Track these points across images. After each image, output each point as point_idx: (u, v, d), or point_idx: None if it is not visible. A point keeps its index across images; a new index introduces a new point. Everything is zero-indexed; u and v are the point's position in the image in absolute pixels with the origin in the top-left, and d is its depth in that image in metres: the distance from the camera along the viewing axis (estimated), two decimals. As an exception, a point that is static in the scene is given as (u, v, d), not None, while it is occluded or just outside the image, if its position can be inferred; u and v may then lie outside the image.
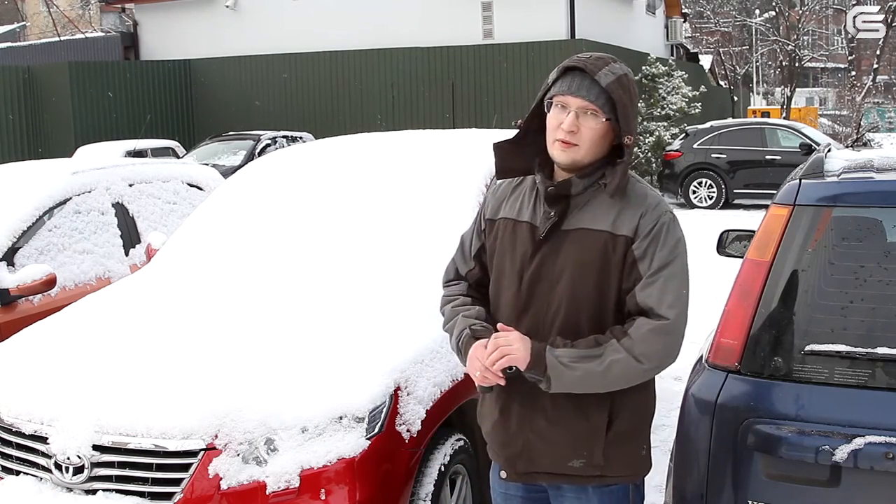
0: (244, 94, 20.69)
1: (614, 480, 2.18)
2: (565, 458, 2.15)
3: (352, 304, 3.24)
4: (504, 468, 2.26)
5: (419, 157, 4.21)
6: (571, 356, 2.02)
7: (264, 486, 2.63)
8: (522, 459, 2.20)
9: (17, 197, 4.62)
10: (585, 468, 2.14)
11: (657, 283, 2.05)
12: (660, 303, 2.05)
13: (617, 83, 2.06)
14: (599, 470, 2.15)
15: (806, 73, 45.62)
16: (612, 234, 2.08)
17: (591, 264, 2.08)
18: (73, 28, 30.02)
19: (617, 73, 2.08)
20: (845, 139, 19.99)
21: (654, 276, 2.06)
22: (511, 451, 2.22)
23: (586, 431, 2.13)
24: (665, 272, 2.06)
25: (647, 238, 2.06)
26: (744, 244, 3.93)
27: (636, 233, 2.07)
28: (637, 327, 2.04)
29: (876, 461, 2.06)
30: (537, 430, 2.16)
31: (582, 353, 2.03)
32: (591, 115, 2.06)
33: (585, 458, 2.13)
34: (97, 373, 2.95)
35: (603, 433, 2.12)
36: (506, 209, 2.23)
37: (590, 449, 2.13)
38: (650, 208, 2.09)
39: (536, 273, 2.13)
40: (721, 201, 15.97)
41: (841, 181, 2.39)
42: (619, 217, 2.08)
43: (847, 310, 2.23)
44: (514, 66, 18.07)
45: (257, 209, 4.08)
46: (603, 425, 2.13)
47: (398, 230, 3.66)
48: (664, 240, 2.08)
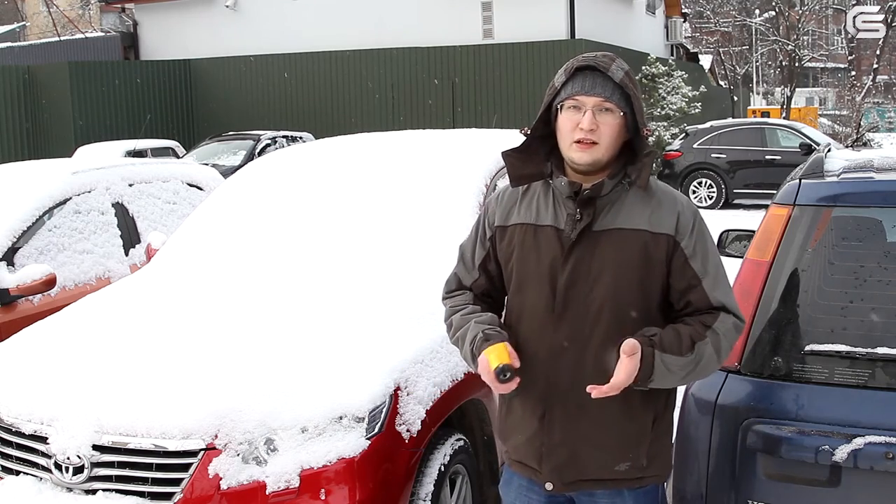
0: (244, 94, 20.69)
1: (650, 480, 2.17)
2: (612, 462, 2.11)
3: (352, 304, 3.24)
4: (550, 480, 2.15)
5: (419, 157, 4.21)
6: (679, 364, 2.00)
7: (264, 486, 2.63)
8: (570, 469, 2.12)
9: (17, 197, 4.62)
10: (630, 471, 2.12)
11: (720, 279, 2.08)
12: (727, 297, 2.08)
13: (627, 78, 2.06)
14: (641, 471, 2.14)
15: (806, 73, 45.61)
16: (652, 232, 2.05)
17: (631, 263, 2.05)
18: (73, 28, 30.01)
19: (624, 69, 2.08)
20: (845, 139, 19.99)
21: (718, 274, 2.08)
22: (557, 461, 2.13)
23: (634, 432, 2.11)
24: (721, 267, 2.10)
25: (693, 236, 2.07)
26: (744, 244, 3.93)
27: (677, 231, 2.06)
28: (723, 321, 2.05)
29: (876, 461, 2.06)
30: (584, 435, 2.10)
31: (686, 360, 2.01)
32: (607, 112, 2.04)
33: (631, 460, 2.11)
34: (97, 373, 2.95)
35: (649, 433, 2.12)
36: (520, 214, 2.16)
37: (636, 451, 2.11)
38: (684, 206, 2.10)
39: (572, 276, 2.07)
40: (721, 201, 15.96)
41: (841, 181, 2.39)
42: (654, 215, 2.06)
43: (847, 310, 2.23)
44: (514, 66, 18.07)
45: (257, 209, 4.08)
46: (649, 425, 2.12)
47: (398, 230, 3.65)
48: (706, 235, 2.11)
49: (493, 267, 2.23)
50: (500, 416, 2.28)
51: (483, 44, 18.82)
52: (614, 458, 2.11)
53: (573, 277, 2.06)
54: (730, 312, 2.06)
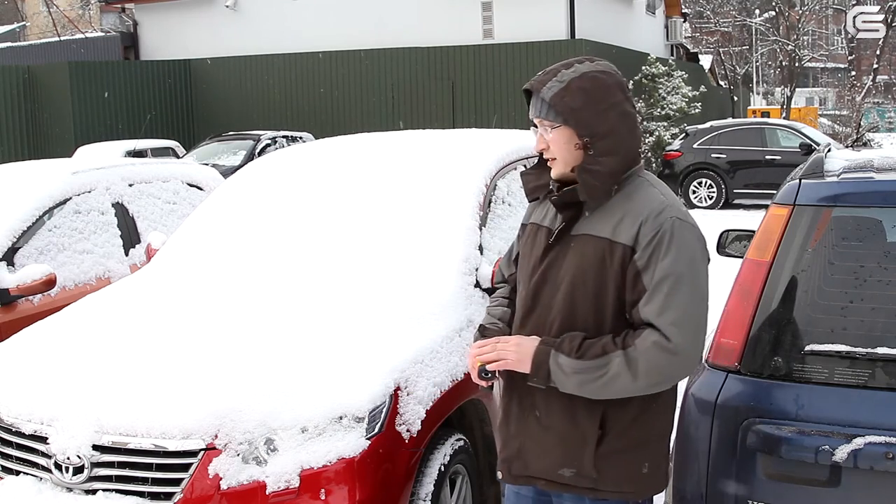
0: (244, 94, 20.69)
1: (609, 495, 2.10)
2: (556, 466, 2.10)
3: (352, 304, 3.24)
4: (501, 469, 2.24)
5: (419, 157, 4.20)
6: (573, 367, 2.00)
7: (264, 486, 2.63)
8: (517, 462, 2.19)
9: (17, 197, 4.62)
10: (576, 478, 2.08)
11: (658, 296, 1.98)
12: (660, 318, 1.97)
13: (565, 91, 2.05)
14: (591, 482, 2.08)
15: (806, 73, 45.61)
16: (611, 241, 2.04)
17: (589, 271, 2.06)
18: (73, 28, 30.01)
19: (565, 80, 2.06)
20: (845, 139, 19.99)
21: (656, 289, 1.98)
22: (508, 453, 2.21)
23: (575, 439, 2.08)
24: (667, 284, 1.98)
25: (649, 248, 1.99)
26: (744, 244, 3.93)
27: (636, 242, 2.01)
28: (643, 339, 1.98)
29: (876, 461, 2.06)
30: (531, 433, 2.15)
31: (584, 365, 1.99)
32: (551, 130, 2.10)
33: (576, 467, 2.07)
34: (97, 373, 2.95)
35: (593, 443, 2.06)
36: (536, 215, 2.28)
37: (579, 459, 2.07)
38: (652, 215, 2.02)
39: (542, 277, 2.13)
40: (721, 201, 15.96)
41: (841, 181, 2.39)
42: (621, 223, 2.04)
43: (847, 310, 2.23)
44: (514, 66, 18.07)
45: (257, 209, 4.08)
46: (593, 435, 2.06)
47: (398, 230, 3.65)
48: (667, 248, 1.99)
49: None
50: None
51: (483, 44, 18.82)
52: (556, 461, 2.10)
53: (543, 279, 2.13)
54: (657, 330, 1.97)
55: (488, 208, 3.80)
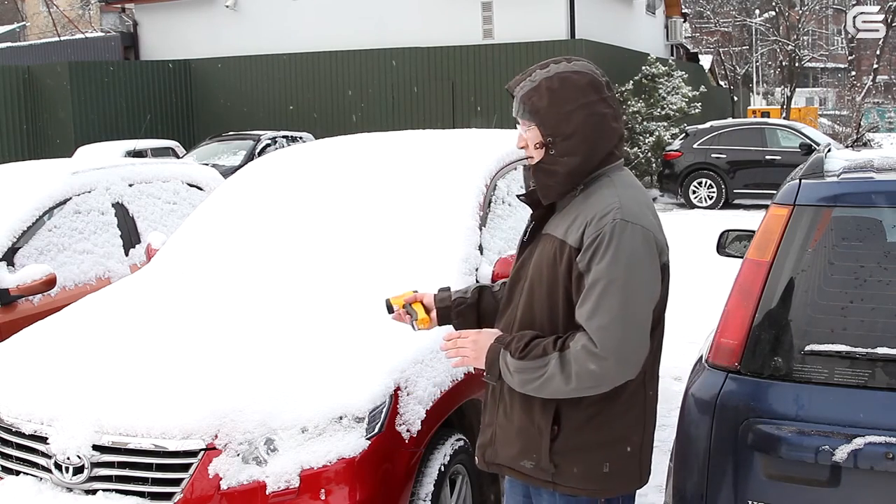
0: (244, 94, 20.68)
1: (571, 490, 2.11)
2: (518, 457, 2.16)
3: (352, 305, 3.24)
4: (477, 455, 2.31)
5: (419, 157, 4.21)
6: (514, 366, 2.07)
7: (264, 486, 2.63)
8: (489, 449, 2.25)
9: (17, 197, 4.62)
10: (536, 470, 2.13)
11: (589, 299, 1.98)
12: (589, 321, 1.98)
13: (534, 90, 2.09)
14: (549, 476, 2.11)
15: (806, 73, 45.59)
16: (561, 240, 2.07)
17: (544, 270, 2.10)
18: (73, 28, 30.00)
19: (537, 80, 2.10)
20: (845, 139, 19.98)
21: (589, 292, 1.99)
22: (482, 440, 2.28)
23: (531, 432, 2.12)
24: (599, 287, 1.97)
25: (589, 250, 2.00)
26: (744, 244, 3.93)
27: (582, 242, 2.02)
28: (576, 341, 2.00)
29: (876, 461, 2.06)
30: (500, 423, 2.21)
31: (523, 365, 2.05)
32: (528, 129, 2.13)
33: (535, 460, 2.12)
34: (97, 373, 2.95)
35: (547, 437, 2.09)
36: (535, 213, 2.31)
37: (537, 452, 2.11)
38: (597, 216, 2.01)
39: (516, 274, 2.21)
40: (721, 201, 15.97)
41: (841, 181, 2.39)
42: (573, 224, 2.06)
43: (847, 310, 2.23)
44: (514, 66, 18.06)
45: (257, 209, 4.08)
46: (546, 429, 2.09)
47: (398, 230, 3.65)
48: (605, 251, 1.98)
49: None
50: None
51: (483, 44, 18.82)
52: (517, 451, 2.16)
53: (517, 276, 2.21)
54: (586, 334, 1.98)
55: (488, 208, 3.80)
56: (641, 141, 18.29)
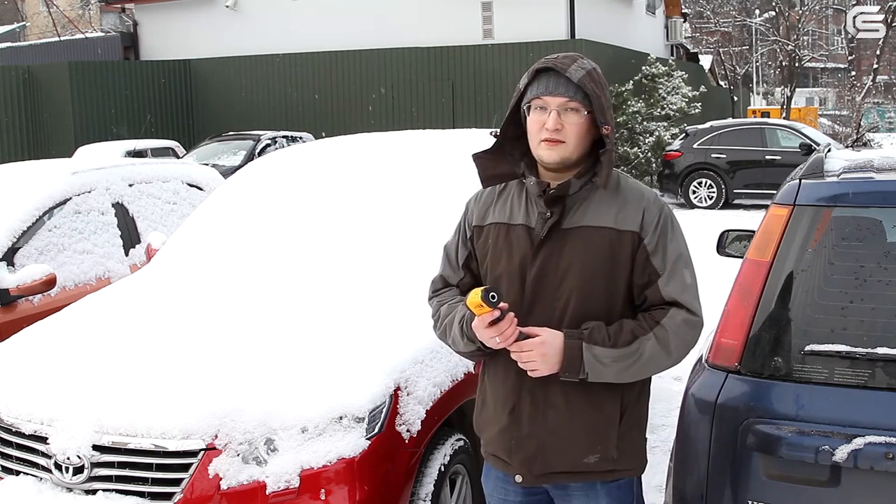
0: (244, 94, 20.69)
1: (622, 474, 2.21)
2: (581, 455, 2.15)
3: (351, 304, 3.24)
4: (520, 473, 2.20)
5: (419, 157, 4.21)
6: (612, 356, 2.06)
7: (264, 486, 2.63)
8: (538, 461, 2.17)
9: (17, 197, 4.62)
10: (600, 463, 2.16)
11: (677, 274, 2.11)
12: (684, 294, 2.11)
13: (588, 77, 2.10)
14: (612, 464, 2.17)
15: (806, 73, 45.62)
16: (617, 230, 2.11)
17: (598, 260, 2.10)
18: (73, 28, 30.00)
19: (586, 68, 2.11)
20: (845, 139, 19.98)
21: (674, 269, 2.11)
22: (525, 454, 2.17)
23: (601, 424, 2.14)
24: (681, 263, 2.13)
25: (657, 232, 2.11)
26: (744, 244, 3.93)
27: (642, 227, 2.11)
28: (671, 317, 2.09)
29: (876, 461, 2.06)
30: (551, 427, 2.15)
31: (621, 352, 2.06)
32: (572, 112, 2.10)
33: (600, 452, 2.15)
34: (97, 373, 2.95)
35: (616, 424, 2.15)
36: (494, 214, 2.24)
37: (605, 443, 2.15)
38: (651, 202, 2.14)
39: (540, 273, 2.13)
40: (721, 201, 15.96)
41: (841, 181, 2.39)
42: (621, 213, 2.12)
43: (847, 310, 2.23)
44: (513, 66, 18.06)
45: (257, 209, 4.08)
46: (616, 416, 2.15)
47: (398, 230, 3.65)
48: (673, 232, 2.14)
49: (475, 265, 2.31)
50: (476, 409, 2.34)
51: (483, 44, 18.82)
52: (582, 449, 2.15)
53: (541, 273, 2.13)
54: (683, 307, 2.10)
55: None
56: (641, 141, 18.29)
